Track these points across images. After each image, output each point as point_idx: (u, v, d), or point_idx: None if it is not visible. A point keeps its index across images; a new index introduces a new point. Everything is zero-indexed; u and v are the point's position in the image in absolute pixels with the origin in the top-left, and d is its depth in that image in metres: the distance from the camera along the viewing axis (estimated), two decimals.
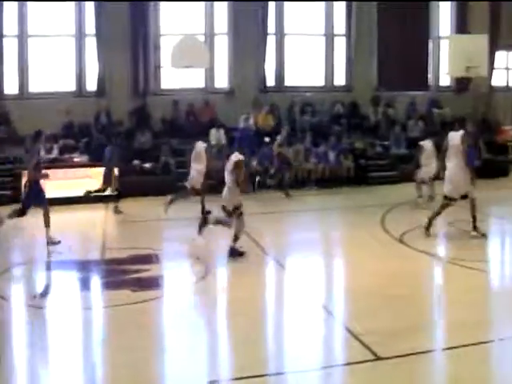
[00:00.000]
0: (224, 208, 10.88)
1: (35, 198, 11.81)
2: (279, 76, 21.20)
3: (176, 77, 19.89)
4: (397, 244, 11.88)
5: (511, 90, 24.43)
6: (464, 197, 12.09)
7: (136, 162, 17.27)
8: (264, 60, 20.62)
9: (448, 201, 12.12)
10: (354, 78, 21.74)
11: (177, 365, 6.84)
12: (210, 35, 20.43)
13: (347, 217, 15.12)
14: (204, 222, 11.76)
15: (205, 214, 13.38)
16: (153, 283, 9.63)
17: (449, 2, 23.20)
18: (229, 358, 7.26)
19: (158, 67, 20.24)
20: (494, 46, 22.70)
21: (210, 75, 20.53)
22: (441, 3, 23.09)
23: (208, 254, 11.54)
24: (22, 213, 11.97)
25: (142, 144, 18.76)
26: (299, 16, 21.25)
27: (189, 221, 12.95)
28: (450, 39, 21.60)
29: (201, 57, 18.18)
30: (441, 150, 12.67)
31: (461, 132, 12.09)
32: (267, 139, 18.44)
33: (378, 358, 6.63)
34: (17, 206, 12.26)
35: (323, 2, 21.45)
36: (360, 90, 21.66)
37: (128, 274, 9.96)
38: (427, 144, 15.80)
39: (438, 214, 12.29)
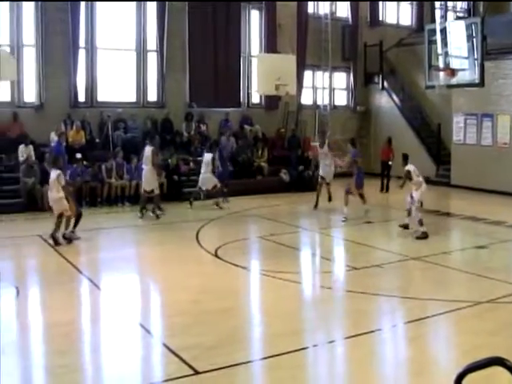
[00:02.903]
0: None
1: None
2: (91, 91, 20.69)
3: None
4: (212, 258, 12.04)
5: (318, 107, 25.69)
6: None
7: None
8: (75, 74, 20.04)
9: None
10: (167, 94, 21.82)
11: None
12: (16, 46, 19.39)
13: (162, 233, 15.08)
14: None
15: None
16: None
17: (257, 23, 23.99)
18: (44, 382, 6.97)
19: None
20: (301, 66, 23.80)
21: (17, 88, 19.56)
22: (252, 23, 23.81)
23: (17, 273, 11.07)
24: None
25: None
26: (111, 30, 20.97)
27: None
28: (259, 58, 22.29)
29: (7, 69, 17.26)
30: None
31: None
32: (79, 155, 18.00)
33: (197, 373, 6.67)
34: None
35: (135, 17, 21.31)
36: (173, 106, 21.80)
37: None
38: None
39: None
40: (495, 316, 8.88)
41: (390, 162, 21.87)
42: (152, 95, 22.03)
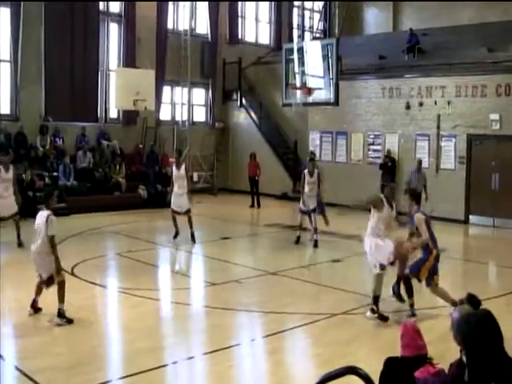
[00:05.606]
0: None
1: None
2: None
3: None
4: (69, 277, 11.64)
5: (177, 123, 25.67)
6: None
7: None
8: None
9: None
10: (21, 107, 21.02)
11: None
12: None
13: (15, 253, 14.42)
14: None
15: None
16: None
17: (116, 36, 23.70)
18: None
19: None
20: (160, 81, 23.75)
21: None
22: (111, 36, 23.48)
23: None
24: None
25: None
26: None
27: None
28: (117, 72, 22.03)
29: None
30: None
31: None
32: None
33: None
34: None
35: None
36: (27, 120, 21.00)
37: None
38: None
39: None
40: (349, 327, 9.19)
41: (256, 178, 22.42)
42: (5, 107, 21.14)
